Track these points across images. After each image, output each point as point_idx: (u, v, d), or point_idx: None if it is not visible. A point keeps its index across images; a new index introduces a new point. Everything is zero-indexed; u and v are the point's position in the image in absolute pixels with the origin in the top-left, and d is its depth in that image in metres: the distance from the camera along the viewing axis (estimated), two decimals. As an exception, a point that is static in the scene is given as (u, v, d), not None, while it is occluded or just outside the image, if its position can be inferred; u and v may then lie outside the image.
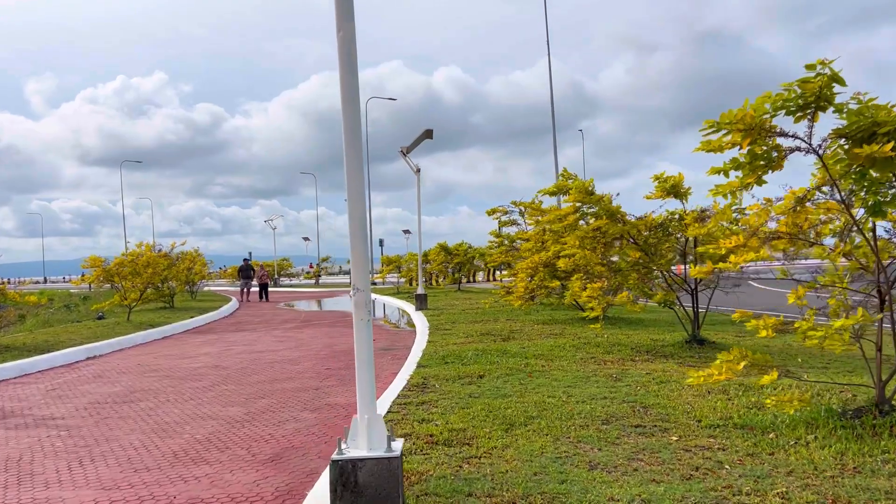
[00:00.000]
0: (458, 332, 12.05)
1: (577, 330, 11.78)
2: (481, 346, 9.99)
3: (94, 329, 15.03)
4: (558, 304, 14.41)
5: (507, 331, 12.02)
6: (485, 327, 12.79)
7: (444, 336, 11.65)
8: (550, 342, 10.15)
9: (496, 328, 12.45)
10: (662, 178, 8.40)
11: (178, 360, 11.08)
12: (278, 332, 15.11)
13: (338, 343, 12.61)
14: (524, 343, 10.18)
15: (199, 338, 14.54)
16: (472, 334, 11.67)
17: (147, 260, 17.08)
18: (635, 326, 12.11)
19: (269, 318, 19.54)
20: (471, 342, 10.61)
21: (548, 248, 13.08)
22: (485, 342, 10.51)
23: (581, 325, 12.39)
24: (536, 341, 10.38)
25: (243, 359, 10.87)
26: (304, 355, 11.04)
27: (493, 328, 12.49)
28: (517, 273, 13.43)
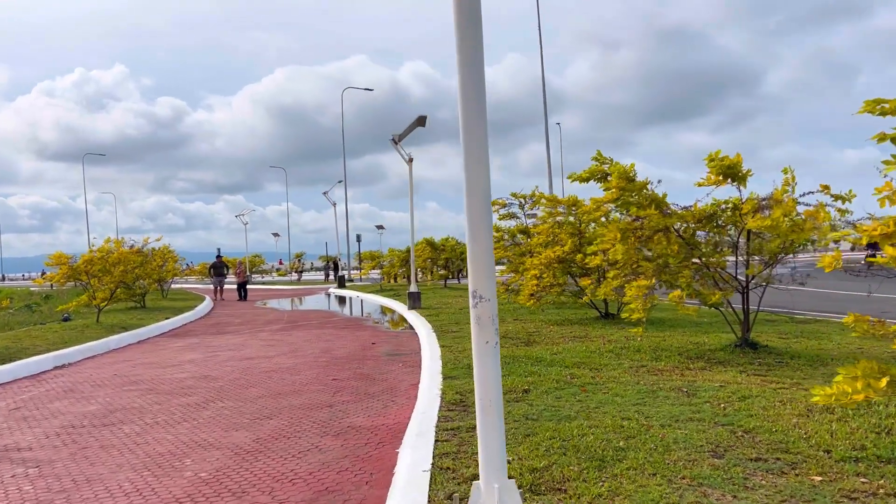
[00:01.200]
0: (469, 336, 10.97)
1: (600, 331, 10.80)
2: (505, 351, 8.95)
3: (60, 333, 13.67)
4: (572, 303, 13.43)
5: (523, 333, 10.99)
6: (496, 329, 11.74)
7: (455, 340, 10.58)
8: (581, 347, 9.14)
9: (510, 330, 11.42)
10: (717, 158, 7.42)
11: (160, 368, 9.84)
12: (265, 335, 13.90)
13: (335, 348, 11.47)
14: (552, 348, 9.16)
15: (178, 342, 13.27)
16: (486, 337, 10.62)
17: (118, 257, 15.70)
18: (661, 327, 11.17)
19: (250, 319, 18.27)
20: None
21: (562, 242, 12.08)
22: (506, 347, 9.47)
23: (602, 326, 11.41)
24: (564, 345, 9.37)
25: (234, 367, 9.68)
26: (302, 363, 9.89)
27: (506, 330, 11.45)
28: (528, 269, 12.41)
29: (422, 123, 17.27)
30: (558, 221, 12.43)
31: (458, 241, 27.65)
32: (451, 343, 10.20)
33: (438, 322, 13.56)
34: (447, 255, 26.80)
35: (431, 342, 10.45)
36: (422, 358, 9.72)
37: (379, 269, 32.65)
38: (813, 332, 9.94)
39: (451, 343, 10.20)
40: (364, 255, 48.85)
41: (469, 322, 11.40)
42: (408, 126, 17.44)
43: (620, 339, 9.77)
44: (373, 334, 13.38)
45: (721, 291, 7.81)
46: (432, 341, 10.55)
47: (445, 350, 9.49)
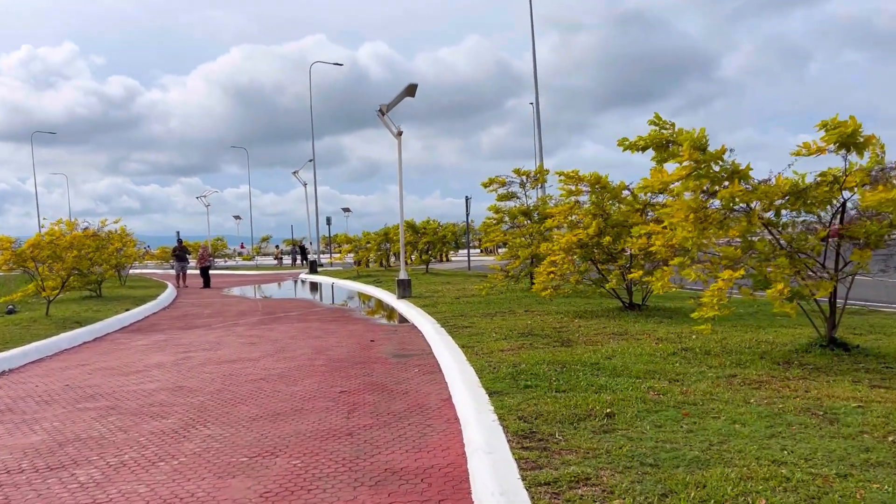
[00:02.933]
0: (487, 332, 9.51)
1: (638, 326, 9.40)
2: (545, 354, 7.49)
3: (2, 329, 11.80)
4: (590, 293, 12.03)
5: (548, 329, 9.54)
6: (513, 323, 10.28)
7: (474, 337, 9.08)
8: (632, 348, 7.71)
9: (532, 326, 9.96)
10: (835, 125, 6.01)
11: (123, 376, 8.15)
12: (242, 331, 12.21)
13: (329, 347, 9.87)
14: (597, 350, 7.71)
15: (141, 339, 11.51)
16: (509, 335, 9.14)
17: (70, 241, 13.79)
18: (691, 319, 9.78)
19: (220, 310, 16.50)
20: (522, 348, 8.09)
21: (584, 224, 10.63)
22: (542, 348, 8.01)
23: (634, 320, 10.01)
24: (610, 346, 7.94)
25: (213, 374, 8.05)
26: (296, 367, 8.30)
27: (526, 325, 9.99)
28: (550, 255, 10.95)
29: (411, 93, 15.63)
30: (578, 201, 10.98)
31: (439, 223, 26.12)
32: (470, 342, 8.69)
33: (440, 314, 12.04)
34: (428, 239, 25.23)
35: (446, 342, 8.93)
36: (438, 361, 8.21)
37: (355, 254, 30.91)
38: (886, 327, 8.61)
39: (471, 342, 8.69)
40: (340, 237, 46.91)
41: (473, 313, 9.89)
42: (396, 96, 15.78)
43: (671, 337, 8.38)
44: (367, 328, 11.80)
45: (818, 282, 6.42)
46: (446, 340, 9.02)
47: (469, 352, 7.98)
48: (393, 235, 29.47)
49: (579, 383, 6.01)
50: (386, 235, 29.85)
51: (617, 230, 10.50)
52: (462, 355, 7.81)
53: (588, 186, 10.68)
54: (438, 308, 13.11)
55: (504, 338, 8.94)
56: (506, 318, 10.94)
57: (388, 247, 30.96)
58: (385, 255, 31.58)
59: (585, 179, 10.58)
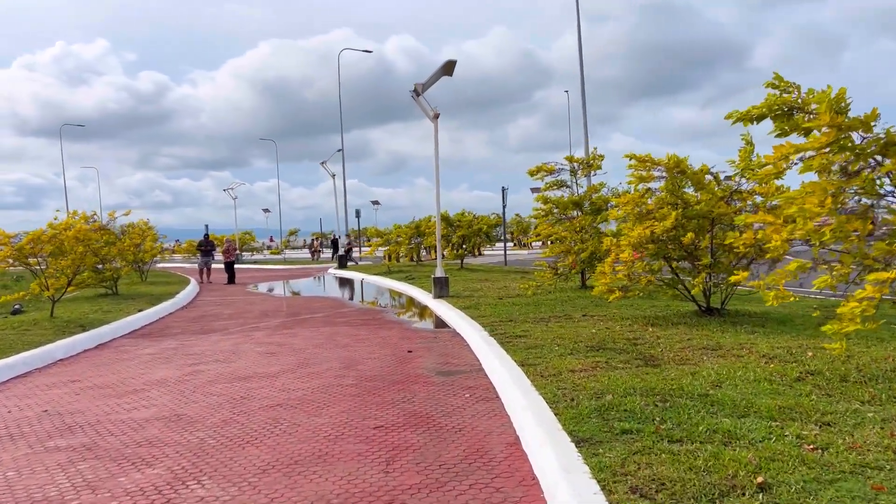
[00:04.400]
0: (547, 344, 8.00)
1: (729, 338, 7.81)
2: (630, 378, 5.96)
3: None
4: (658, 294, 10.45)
5: (620, 340, 8.00)
6: (574, 332, 8.75)
7: (533, 352, 7.57)
8: (739, 370, 6.14)
9: (598, 335, 8.42)
10: None
11: (115, 398, 6.81)
12: (262, 336, 10.86)
13: (359, 359, 8.45)
14: (695, 372, 6.15)
15: (148, 346, 10.21)
16: (575, 348, 7.62)
17: (76, 234, 12.55)
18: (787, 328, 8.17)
19: (242, 310, 15.20)
20: (597, 367, 6.56)
21: (660, 216, 9.06)
22: (621, 368, 6.48)
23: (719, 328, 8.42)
24: (707, 366, 6.37)
25: (222, 396, 6.67)
26: (320, 387, 6.89)
27: (591, 335, 8.46)
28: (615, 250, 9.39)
29: (449, 71, 14.13)
30: (650, 189, 9.39)
31: (474, 215, 24.57)
32: (530, 357, 7.19)
33: (484, 318, 10.56)
34: (463, 232, 23.70)
35: (499, 355, 7.44)
36: (493, 382, 6.74)
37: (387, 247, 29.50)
38: None
39: (531, 357, 7.19)
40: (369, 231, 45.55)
41: (524, 319, 7.95)
42: (432, 74, 14.29)
43: (780, 354, 6.78)
44: (402, 335, 10.36)
45: None
46: (499, 354, 7.54)
47: (531, 372, 6.48)
48: (425, 228, 28.01)
49: (696, 428, 4.48)
50: (417, 229, 28.41)
51: (697, 222, 8.91)
52: (523, 376, 6.32)
53: (663, 171, 9.08)
54: (481, 310, 11.62)
55: (570, 352, 7.42)
56: (563, 325, 9.42)
57: (420, 240, 29.55)
58: (416, 249, 30.16)
59: (661, 163, 8.99)
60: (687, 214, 8.96)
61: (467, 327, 9.92)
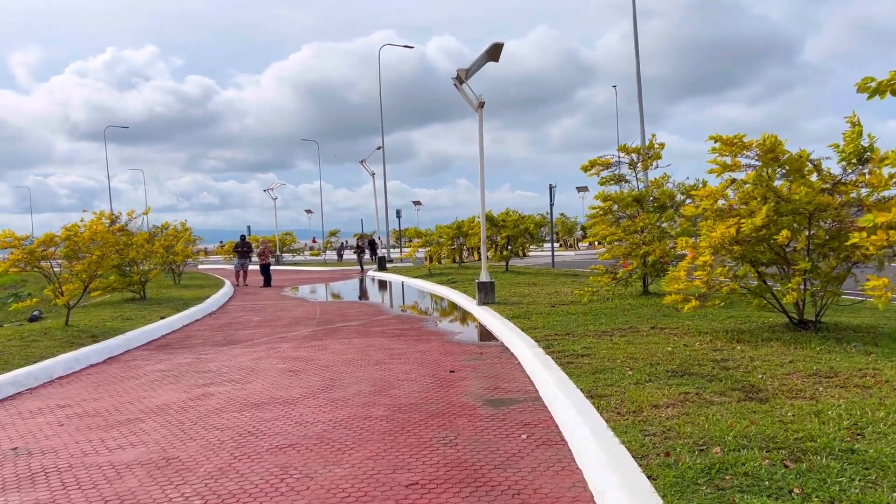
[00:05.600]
0: (617, 366, 6.67)
1: (838, 360, 6.38)
2: (735, 419, 4.63)
3: (2, 343, 9.67)
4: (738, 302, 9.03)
5: (705, 362, 6.63)
6: (646, 349, 7.41)
7: (598, 376, 6.26)
8: (880, 409, 4.75)
9: (676, 354, 7.06)
10: None
11: (102, 430, 5.73)
12: (287, 349, 9.75)
13: (393, 381, 7.25)
14: (823, 412, 4.77)
15: (162, 360, 9.18)
16: (653, 372, 6.28)
17: (91, 235, 11.62)
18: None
19: (272, 316, 14.16)
20: (687, 401, 5.23)
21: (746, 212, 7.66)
22: (719, 403, 5.14)
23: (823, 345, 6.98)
24: (832, 402, 4.98)
25: (227, 431, 5.52)
26: (344, 420, 5.70)
27: (667, 354, 7.11)
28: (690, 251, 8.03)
29: (495, 56, 12.85)
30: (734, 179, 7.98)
31: (520, 214, 23.22)
32: (599, 386, 5.88)
33: (537, 331, 9.27)
34: (508, 233, 22.38)
35: (560, 381, 6.15)
36: (555, 419, 5.48)
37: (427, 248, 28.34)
38: None
39: (600, 385, 5.88)
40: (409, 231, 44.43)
41: (583, 331, 6.27)
42: (476, 59, 13.03)
43: (922, 386, 5.35)
44: (443, 349, 9.14)
45: None
46: (560, 380, 6.25)
47: (604, 406, 5.18)
48: (467, 229, 26.77)
49: None
50: (459, 229, 27.17)
51: (792, 219, 7.48)
52: (594, 412, 5.03)
53: (755, 158, 7.65)
54: (532, 320, 10.33)
55: (647, 378, 6.09)
56: (632, 341, 8.08)
57: (462, 241, 28.32)
58: (458, 250, 28.94)
59: (753, 146, 7.57)
60: (779, 210, 7.54)
61: (518, 341, 8.64)
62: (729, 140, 7.64)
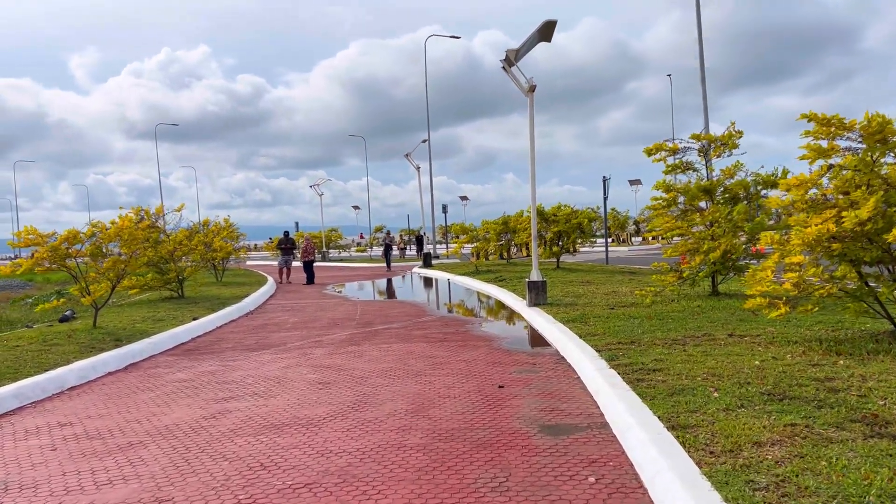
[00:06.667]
0: (698, 385, 5.63)
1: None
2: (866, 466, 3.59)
3: (22, 347, 9.10)
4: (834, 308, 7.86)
5: (804, 381, 5.53)
6: (728, 363, 6.32)
7: (678, 399, 5.24)
8: None
9: (767, 370, 5.96)
10: None
11: (97, 458, 4.96)
12: (321, 356, 8.94)
13: (434, 399, 6.34)
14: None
15: (185, 369, 8.45)
16: (744, 395, 5.22)
17: (118, 232, 10.98)
18: None
19: (310, 317, 13.41)
20: (796, 435, 4.18)
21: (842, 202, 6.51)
22: (840, 441, 4.07)
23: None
24: None
25: (235, 462, 4.69)
26: (375, 448, 4.81)
27: (756, 369, 6.02)
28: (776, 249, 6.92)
29: (547, 36, 11.80)
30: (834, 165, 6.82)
31: (572, 208, 22.08)
32: (680, 413, 4.85)
33: (597, 338, 8.26)
34: (559, 227, 21.26)
35: (631, 405, 5.15)
36: (626, 451, 4.50)
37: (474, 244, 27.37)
38: None
39: (682, 412, 4.86)
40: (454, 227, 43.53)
41: (661, 342, 5.32)
42: (526, 40, 12.01)
43: None
44: (490, 358, 8.20)
45: None
46: (630, 402, 5.24)
47: (691, 442, 4.18)
48: (515, 224, 25.71)
49: None
50: (506, 224, 26.13)
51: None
52: (681, 451, 4.03)
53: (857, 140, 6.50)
54: (590, 325, 9.30)
55: (739, 402, 5.04)
56: (709, 352, 7.00)
57: (509, 237, 27.27)
58: (506, 246, 27.91)
59: (855, 127, 6.42)
60: (889, 200, 6.37)
61: (575, 350, 7.65)
62: (825, 120, 6.50)
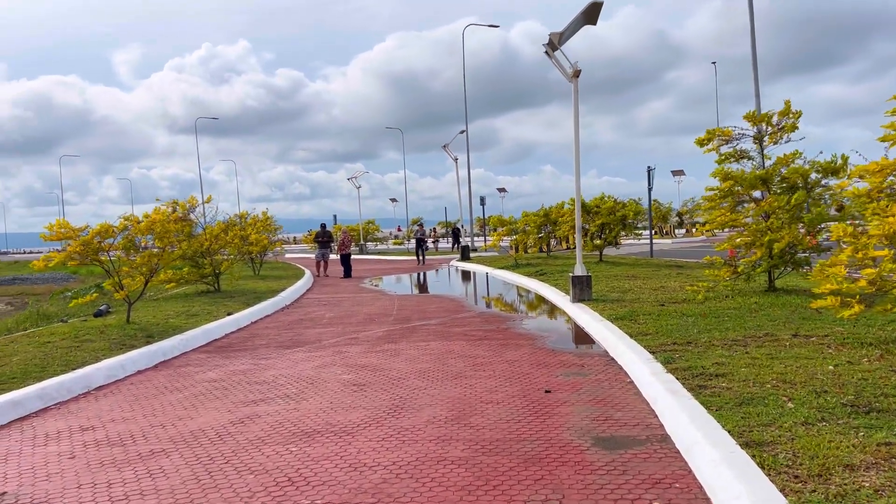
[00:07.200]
0: (769, 393, 5.08)
1: None
2: None
3: (52, 344, 8.92)
4: None
5: (892, 390, 4.95)
6: (799, 368, 5.75)
7: (747, 409, 4.70)
8: None
9: (844, 376, 5.37)
10: None
11: (115, 468, 4.64)
12: (356, 354, 8.56)
13: (475, 403, 5.90)
14: None
15: (216, 367, 8.15)
16: (825, 407, 4.66)
17: (150, 225, 10.73)
18: None
19: (346, 312, 13.08)
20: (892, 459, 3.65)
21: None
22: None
23: None
24: None
25: (260, 476, 4.32)
26: (411, 462, 4.39)
27: (832, 375, 5.44)
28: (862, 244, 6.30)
29: (592, 19, 11.21)
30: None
31: (615, 200, 21.39)
32: (753, 426, 4.33)
33: (647, 336, 7.72)
34: (603, 220, 20.61)
35: (694, 415, 4.64)
36: (693, 470, 4.00)
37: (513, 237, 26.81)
38: None
39: (755, 426, 4.33)
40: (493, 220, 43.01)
41: (720, 342, 4.60)
42: (571, 23, 11.43)
43: None
44: (534, 359, 7.72)
45: None
46: (693, 412, 4.73)
47: (771, 462, 3.67)
48: (556, 216, 25.10)
49: None
50: (546, 216, 25.54)
51: None
52: (760, 475, 3.53)
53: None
54: (640, 323, 8.75)
55: (819, 414, 4.49)
56: (774, 354, 6.43)
57: (549, 229, 26.66)
58: (546, 238, 27.31)
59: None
60: None
61: (626, 351, 7.13)
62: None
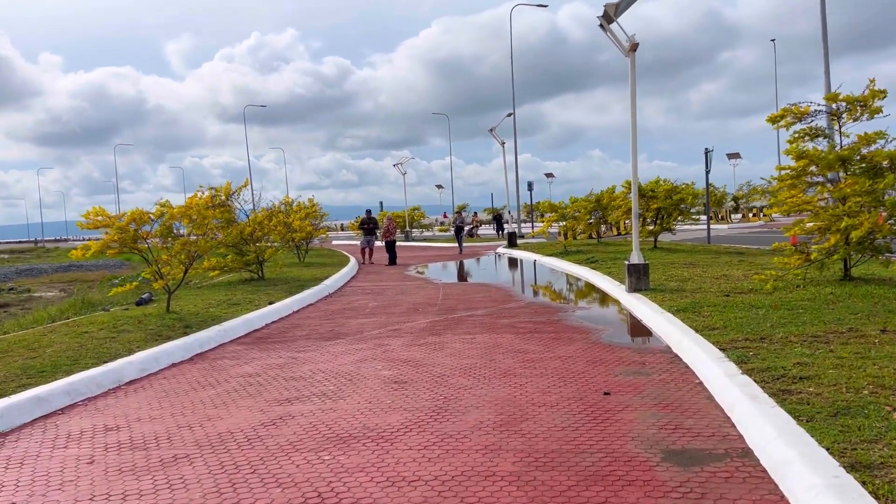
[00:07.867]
0: (868, 402, 4.42)
1: None
2: None
3: (90, 334, 8.68)
4: None
5: None
6: None
7: (844, 422, 4.06)
8: None
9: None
10: None
11: (134, 477, 4.25)
12: (398, 347, 8.10)
13: (527, 406, 5.36)
14: None
15: (252, 360, 7.78)
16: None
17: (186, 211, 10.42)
18: None
19: (390, 301, 12.65)
20: None
21: None
22: None
23: None
24: None
25: (289, 489, 3.87)
26: (454, 478, 3.89)
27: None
28: None
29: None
30: None
31: (673, 184, 20.45)
32: (856, 443, 3.69)
33: (714, 331, 7.05)
34: (659, 204, 19.71)
35: (783, 430, 4.02)
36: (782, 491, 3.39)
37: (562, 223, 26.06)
38: None
39: (858, 442, 3.70)
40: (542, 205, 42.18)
41: (798, 338, 4.06)
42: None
43: None
44: (590, 355, 7.13)
45: None
46: (781, 424, 4.11)
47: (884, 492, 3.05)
48: (607, 201, 24.23)
49: None
50: (598, 202, 24.68)
51: None
52: (876, 509, 2.91)
53: None
54: (705, 316, 8.07)
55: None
56: (863, 353, 5.72)
57: (600, 215, 25.79)
58: (596, 224, 26.46)
59: None
60: None
61: (692, 347, 6.50)
62: None
